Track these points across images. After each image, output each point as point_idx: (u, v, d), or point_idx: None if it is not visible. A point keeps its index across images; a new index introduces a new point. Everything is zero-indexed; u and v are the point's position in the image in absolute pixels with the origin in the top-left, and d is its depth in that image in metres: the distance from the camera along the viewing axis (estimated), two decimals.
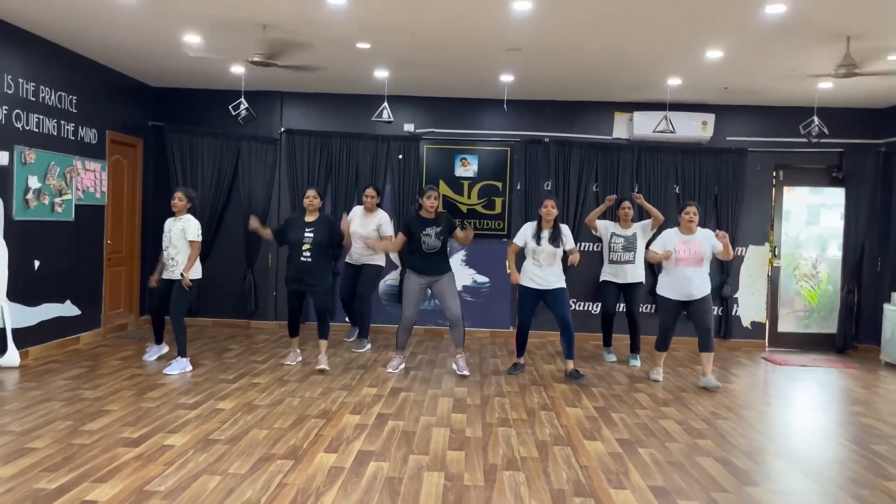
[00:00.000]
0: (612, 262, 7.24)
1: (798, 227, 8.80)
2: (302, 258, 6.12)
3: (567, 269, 6.45)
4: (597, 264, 8.24)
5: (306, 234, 6.12)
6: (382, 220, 7.19)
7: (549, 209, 6.22)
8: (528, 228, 6.32)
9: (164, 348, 6.63)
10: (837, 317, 8.39)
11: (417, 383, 5.93)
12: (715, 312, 7.94)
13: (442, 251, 6.22)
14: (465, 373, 6.26)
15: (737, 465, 4.15)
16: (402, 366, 6.43)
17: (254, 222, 6.41)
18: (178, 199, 6.24)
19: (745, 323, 8.45)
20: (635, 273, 7.17)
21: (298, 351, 6.61)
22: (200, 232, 6.20)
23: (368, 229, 7.09)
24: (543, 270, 6.21)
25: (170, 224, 6.26)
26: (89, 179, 7.13)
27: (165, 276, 6.28)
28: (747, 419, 5.20)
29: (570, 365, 6.27)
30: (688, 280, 6.08)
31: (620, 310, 7.40)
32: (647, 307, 8.17)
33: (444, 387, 5.83)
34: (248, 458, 3.92)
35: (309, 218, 6.20)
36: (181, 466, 3.75)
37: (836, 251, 8.60)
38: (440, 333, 8.45)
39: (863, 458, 4.35)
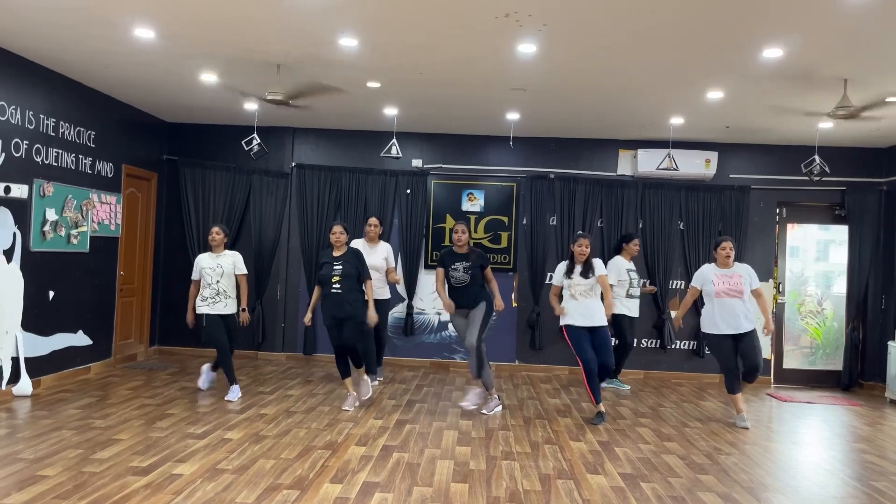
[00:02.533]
0: (629, 296, 7.50)
1: (804, 264, 8.87)
2: (332, 290, 5.99)
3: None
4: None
5: (335, 267, 6.04)
6: (388, 251, 7.24)
7: (584, 248, 6.06)
8: (561, 267, 6.22)
9: (238, 392, 6.42)
10: (843, 354, 8.40)
11: (422, 415, 5.98)
12: None
13: (472, 285, 6.11)
14: (471, 406, 6.22)
15: (738, 500, 4.18)
16: (499, 408, 6.29)
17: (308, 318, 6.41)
18: (217, 234, 6.44)
19: None
20: (637, 308, 7.64)
21: (354, 394, 6.19)
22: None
23: (375, 259, 7.03)
24: (582, 304, 6.04)
25: (212, 260, 6.41)
26: (104, 212, 7.31)
27: (213, 311, 6.33)
28: (750, 455, 5.22)
29: (601, 406, 6.13)
30: (732, 311, 5.99)
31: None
32: (651, 342, 8.27)
33: (450, 419, 5.89)
34: (254, 488, 3.99)
35: (336, 252, 6.13)
36: (189, 495, 3.82)
37: (841, 288, 8.65)
38: (446, 366, 8.51)
39: (863, 495, 4.37)
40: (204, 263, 6.44)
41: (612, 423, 6.00)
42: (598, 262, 6.18)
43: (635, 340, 8.04)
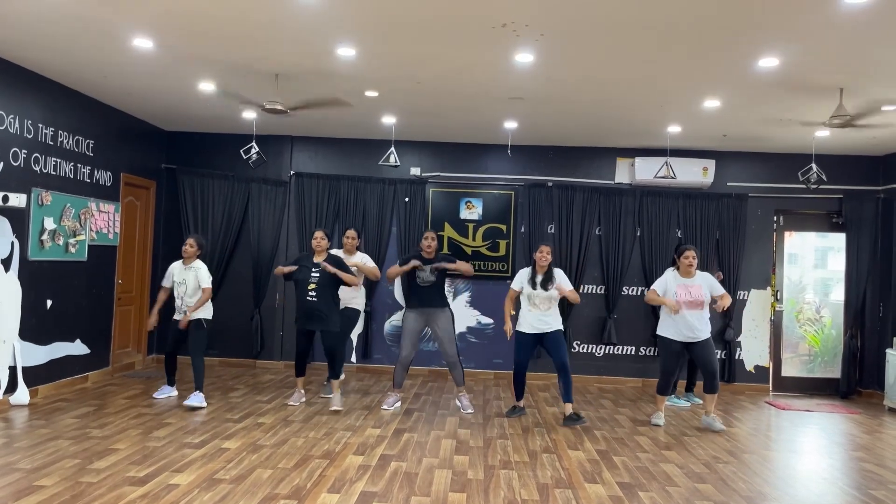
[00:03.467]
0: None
1: (802, 271, 8.88)
2: (308, 297, 6.24)
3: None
4: (600, 307, 8.37)
5: (312, 274, 6.27)
6: (362, 259, 7.00)
7: (545, 255, 6.31)
8: (524, 274, 6.42)
9: (174, 392, 6.70)
10: (841, 361, 8.40)
11: (421, 424, 5.98)
12: (718, 356, 8.02)
13: (436, 286, 6.45)
14: (470, 411, 6.45)
15: None
16: (398, 404, 6.57)
17: (281, 270, 6.51)
18: (190, 246, 6.52)
19: (749, 367, 8.47)
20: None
21: (303, 391, 6.66)
22: (209, 277, 6.59)
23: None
24: (542, 314, 6.29)
25: (180, 271, 6.52)
26: (103, 221, 7.31)
27: (178, 317, 6.50)
28: (748, 464, 5.22)
29: (569, 408, 6.28)
30: (688, 322, 6.17)
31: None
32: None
33: (448, 428, 5.88)
34: (252, 498, 3.98)
35: (317, 258, 6.37)
36: None
37: (839, 295, 8.66)
38: (444, 374, 8.50)
39: None
40: (174, 274, 6.56)
41: (611, 432, 5.99)
42: (559, 274, 6.38)
43: (636, 348, 8.05)
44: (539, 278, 6.29)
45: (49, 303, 6.53)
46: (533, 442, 5.54)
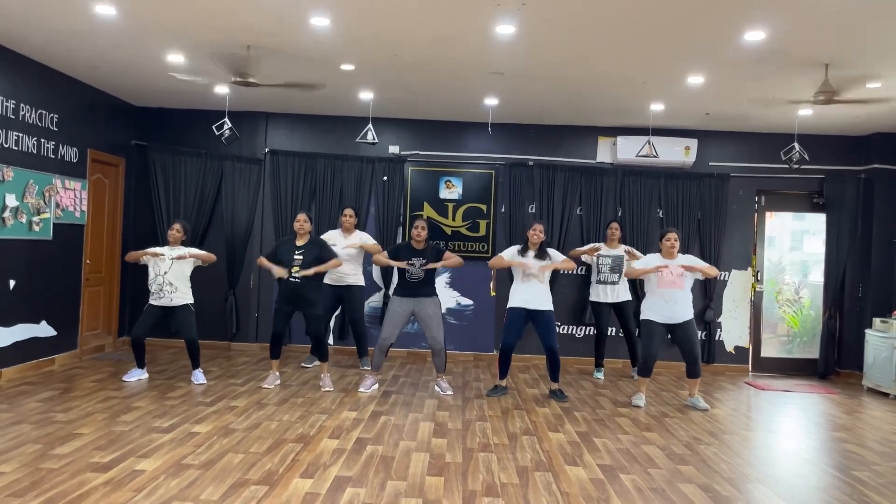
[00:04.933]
0: (599, 282, 7.49)
1: (781, 253, 8.85)
2: (291, 278, 6.13)
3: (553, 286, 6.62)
4: (582, 287, 8.26)
5: (296, 257, 6.17)
6: (365, 238, 7.33)
7: (538, 233, 6.25)
8: (514, 248, 6.41)
9: (145, 374, 6.52)
10: (819, 342, 8.40)
11: (398, 407, 5.85)
12: (699, 336, 7.97)
13: (426, 280, 6.29)
14: (449, 393, 6.36)
15: (719, 491, 4.10)
16: (375, 386, 6.44)
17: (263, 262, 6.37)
18: (177, 231, 6.45)
19: (729, 348, 8.44)
20: (624, 292, 7.48)
21: (278, 374, 6.51)
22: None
23: (350, 250, 7.15)
24: (532, 287, 6.21)
25: (167, 255, 6.35)
26: (69, 198, 7.05)
27: (160, 303, 6.34)
28: (730, 445, 5.16)
29: (555, 385, 6.38)
30: (672, 302, 6.12)
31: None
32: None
33: (426, 411, 5.76)
34: (221, 484, 3.82)
35: (299, 241, 6.28)
36: (151, 493, 3.65)
37: (818, 276, 8.64)
38: (423, 356, 8.37)
39: (845, 485, 4.32)
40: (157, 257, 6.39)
41: (592, 414, 5.91)
42: (553, 252, 6.37)
43: (617, 329, 7.98)
44: (531, 253, 6.25)
45: (12, 283, 6.29)
46: (513, 424, 5.44)
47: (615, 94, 6.87)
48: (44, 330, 6.79)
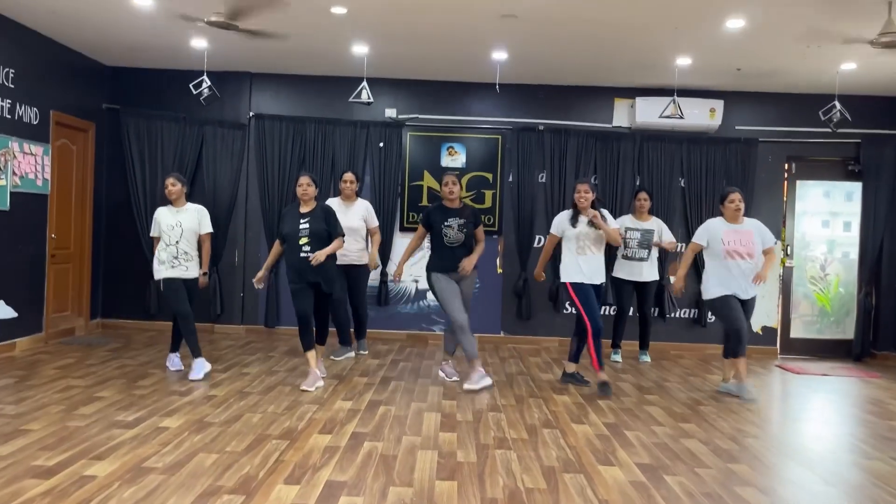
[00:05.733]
0: (625, 258, 6.76)
1: (806, 227, 8.13)
2: (301, 254, 5.21)
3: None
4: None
5: (301, 226, 5.23)
6: (368, 211, 6.46)
7: (583, 194, 5.36)
8: (562, 216, 5.57)
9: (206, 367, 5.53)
10: (854, 322, 7.74)
11: (399, 395, 5.17)
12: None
13: (466, 245, 5.46)
14: (455, 379, 5.64)
15: (782, 494, 3.46)
16: (487, 382, 5.45)
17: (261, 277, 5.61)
18: (172, 185, 5.54)
19: (756, 328, 7.77)
20: (651, 271, 6.75)
21: (318, 372, 5.30)
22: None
23: (353, 222, 6.22)
24: (589, 260, 5.40)
25: (172, 216, 5.53)
26: (28, 164, 6.31)
27: (173, 274, 5.47)
28: (779, 437, 4.51)
29: (572, 367, 5.71)
30: (741, 274, 5.32)
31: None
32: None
33: (430, 399, 5.08)
34: (187, 493, 3.14)
35: (304, 209, 5.33)
36: (101, 503, 2.97)
37: (852, 252, 7.96)
38: (424, 339, 7.69)
39: None
40: (163, 220, 5.55)
41: (616, 402, 5.24)
42: (607, 214, 5.51)
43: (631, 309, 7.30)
44: (583, 218, 5.39)
45: None
46: (530, 415, 4.77)
47: (639, 45, 6.13)
48: (3, 311, 6.09)
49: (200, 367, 5.42)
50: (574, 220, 5.47)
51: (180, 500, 3.05)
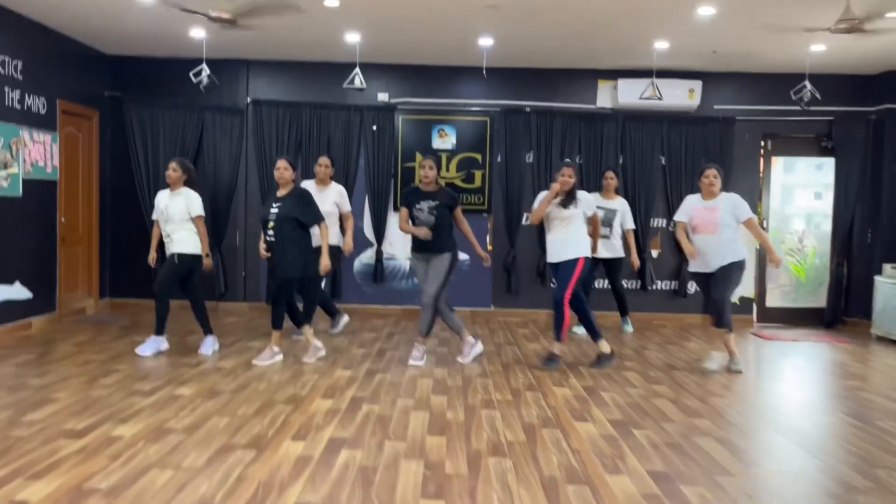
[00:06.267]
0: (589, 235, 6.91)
1: (788, 200, 8.50)
2: (267, 238, 5.43)
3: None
4: None
5: (272, 211, 5.41)
6: (341, 194, 6.48)
7: (567, 179, 5.40)
8: (542, 194, 5.67)
9: (216, 344, 5.89)
10: (826, 290, 8.15)
11: (394, 364, 5.57)
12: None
13: (437, 227, 5.47)
14: (419, 363, 5.59)
15: (737, 444, 3.86)
16: (424, 359, 5.68)
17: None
18: (173, 171, 5.76)
19: (734, 298, 8.17)
20: (613, 248, 6.93)
21: (276, 349, 5.55)
22: (202, 206, 5.80)
23: (326, 206, 6.17)
24: (553, 238, 5.56)
25: (165, 199, 5.78)
26: (38, 152, 6.63)
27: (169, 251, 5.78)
28: (743, 396, 4.93)
29: (556, 347, 5.74)
30: (704, 248, 5.54)
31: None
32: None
33: (423, 367, 5.48)
34: (205, 449, 3.53)
35: (280, 192, 5.51)
36: (128, 460, 3.35)
37: (825, 225, 8.34)
38: (418, 314, 8.06)
39: (867, 434, 4.08)
40: (158, 203, 5.87)
41: (597, 369, 5.64)
42: (584, 195, 5.67)
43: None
44: (559, 198, 5.49)
45: None
46: (515, 380, 5.17)
47: (618, 30, 6.45)
48: (18, 292, 6.44)
49: (153, 343, 5.69)
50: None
51: (200, 456, 3.45)
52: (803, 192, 8.51)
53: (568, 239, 5.49)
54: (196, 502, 2.91)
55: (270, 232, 5.39)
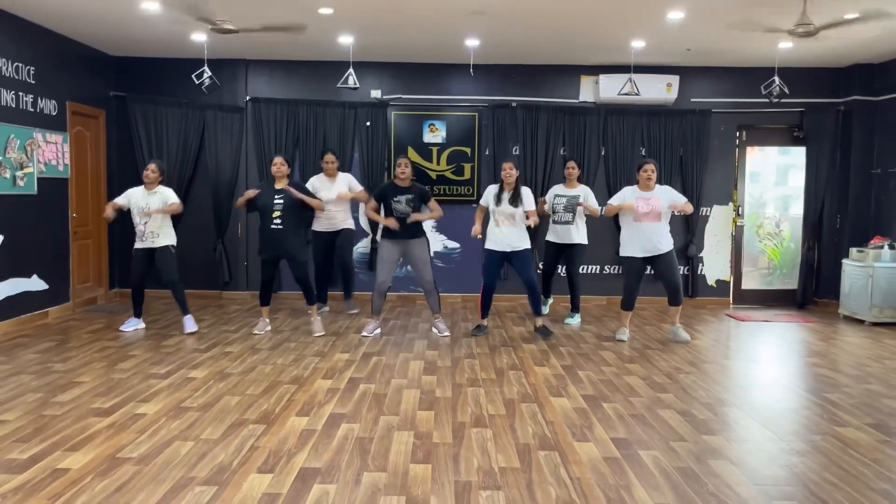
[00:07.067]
0: (554, 222, 7.26)
1: (763, 188, 8.97)
2: (272, 226, 6.17)
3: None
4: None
5: (276, 201, 6.16)
6: (351, 180, 7.44)
7: (508, 171, 6.27)
8: (491, 190, 6.40)
9: (141, 324, 6.61)
10: (798, 273, 8.62)
11: (389, 347, 6.02)
12: (682, 272, 8.14)
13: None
14: (446, 334, 6.50)
15: (696, 416, 4.31)
16: (378, 331, 6.51)
17: (242, 202, 6.39)
18: (153, 171, 6.35)
19: (711, 281, 8.65)
20: (578, 235, 7.22)
21: (268, 320, 6.62)
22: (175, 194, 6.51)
23: (341, 190, 7.25)
24: (503, 231, 6.30)
25: (143, 197, 6.33)
26: (51, 152, 7.02)
27: (143, 246, 6.35)
28: (709, 373, 5.37)
29: (539, 321, 6.50)
30: (650, 235, 6.21)
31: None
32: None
33: (416, 350, 5.93)
34: (220, 424, 3.98)
35: (278, 185, 6.26)
36: (153, 434, 3.80)
37: (798, 210, 8.79)
38: (412, 299, 8.53)
39: (816, 406, 4.54)
40: (134, 199, 6.37)
41: (576, 348, 6.10)
42: (526, 192, 6.34)
43: (601, 267, 8.12)
44: (506, 195, 6.27)
45: (0, 238, 6.32)
46: (500, 360, 5.62)
47: (596, 32, 6.85)
48: (35, 284, 6.86)
49: (189, 322, 6.49)
50: (499, 195, 6.27)
51: (215, 430, 3.89)
52: (776, 179, 8.95)
53: (515, 232, 6.31)
54: (216, 468, 3.36)
55: (278, 222, 6.15)
